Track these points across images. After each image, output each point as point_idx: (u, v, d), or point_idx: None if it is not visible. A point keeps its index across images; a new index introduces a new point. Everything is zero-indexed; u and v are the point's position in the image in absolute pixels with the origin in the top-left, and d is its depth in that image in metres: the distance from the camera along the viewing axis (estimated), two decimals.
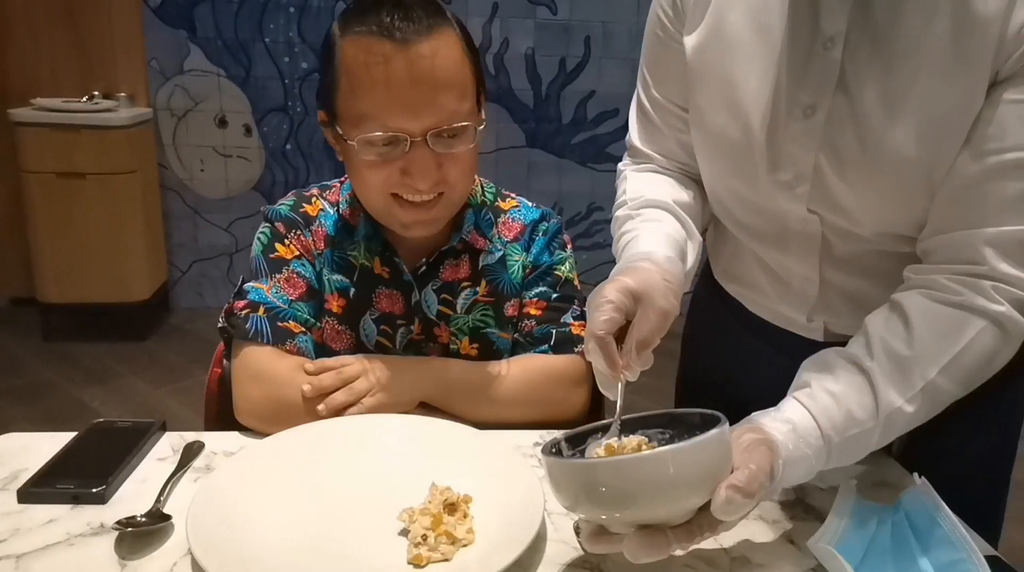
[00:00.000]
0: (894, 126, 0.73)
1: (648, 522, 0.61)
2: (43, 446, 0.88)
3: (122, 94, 3.44)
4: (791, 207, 0.83)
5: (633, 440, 0.66)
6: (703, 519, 0.61)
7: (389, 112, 0.89)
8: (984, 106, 0.70)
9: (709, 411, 0.65)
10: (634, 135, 0.98)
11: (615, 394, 0.69)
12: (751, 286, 0.98)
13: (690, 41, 0.85)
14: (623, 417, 0.68)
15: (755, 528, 0.79)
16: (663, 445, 0.65)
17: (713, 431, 0.59)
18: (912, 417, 0.71)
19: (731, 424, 0.64)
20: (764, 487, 0.61)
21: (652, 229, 0.84)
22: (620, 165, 1.00)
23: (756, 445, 0.64)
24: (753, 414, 0.71)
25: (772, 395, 0.75)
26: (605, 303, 0.69)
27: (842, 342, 0.77)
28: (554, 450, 0.68)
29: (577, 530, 0.70)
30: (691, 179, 0.96)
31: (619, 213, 0.91)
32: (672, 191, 0.92)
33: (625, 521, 0.61)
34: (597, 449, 0.67)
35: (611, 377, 0.69)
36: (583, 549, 0.69)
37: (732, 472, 0.61)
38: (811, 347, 0.78)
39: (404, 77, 0.88)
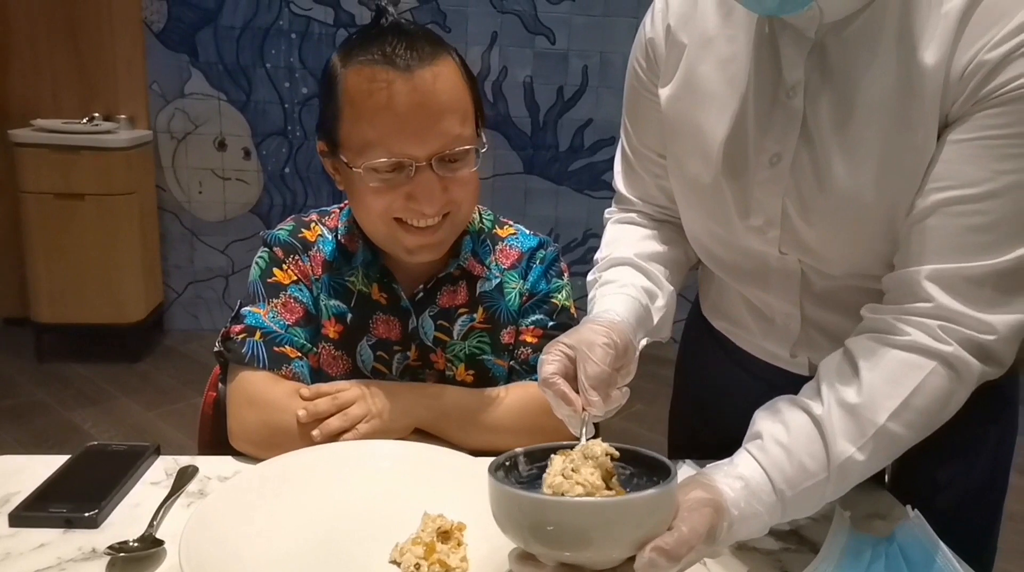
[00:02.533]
0: (852, 172, 0.74)
1: (573, 563, 0.60)
2: (36, 469, 0.88)
3: (122, 116, 3.47)
4: (766, 249, 0.85)
5: (598, 447, 0.64)
6: (627, 570, 0.59)
7: (394, 138, 0.90)
8: (935, 149, 0.70)
9: (662, 458, 0.64)
10: (618, 181, 1.01)
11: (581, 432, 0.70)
12: (736, 322, 1.00)
13: (664, 93, 0.88)
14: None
15: (749, 559, 0.79)
16: (623, 474, 0.66)
17: (652, 491, 0.58)
18: (865, 465, 0.69)
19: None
20: (695, 550, 0.60)
21: (605, 293, 0.88)
22: (606, 212, 1.04)
23: (699, 506, 0.63)
24: (708, 467, 0.70)
25: None
26: (548, 356, 0.74)
27: None
28: (507, 464, 0.67)
29: None
30: (671, 224, 0.98)
31: (589, 277, 0.95)
32: (640, 244, 0.95)
33: (550, 556, 0.61)
34: (553, 458, 0.66)
35: (573, 416, 0.71)
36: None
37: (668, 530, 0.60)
38: (797, 381, 0.78)
39: (408, 103, 0.89)
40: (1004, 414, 0.92)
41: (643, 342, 0.87)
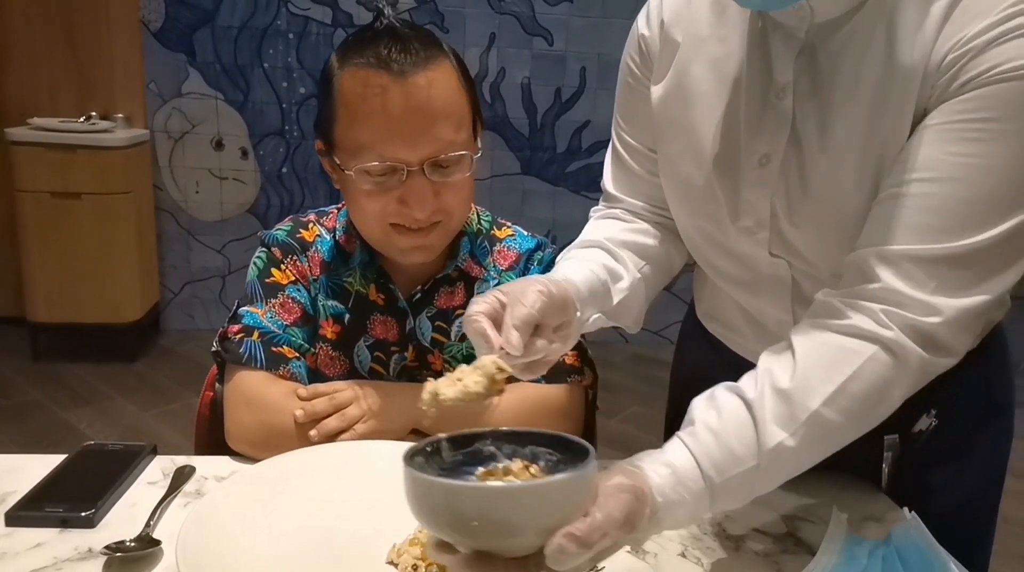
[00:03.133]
0: (834, 175, 0.74)
1: (485, 550, 0.58)
2: (32, 468, 0.87)
3: (120, 115, 3.46)
4: (756, 252, 0.84)
5: (488, 359, 0.63)
6: (541, 558, 0.56)
7: (386, 143, 0.90)
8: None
9: (585, 444, 0.61)
10: (608, 180, 0.99)
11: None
12: (730, 327, 0.99)
13: (656, 91, 0.87)
14: (514, 429, 0.65)
15: (746, 561, 0.79)
16: (550, 461, 0.63)
17: (564, 475, 0.56)
18: (797, 453, 0.66)
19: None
20: (610, 537, 0.57)
21: (562, 267, 0.84)
22: (592, 210, 1.01)
23: (617, 492, 0.59)
24: (639, 454, 0.68)
25: None
26: (479, 298, 0.70)
27: None
28: (428, 450, 0.64)
29: None
30: (658, 224, 0.96)
31: (557, 258, 0.92)
32: (618, 234, 0.91)
33: (463, 543, 0.58)
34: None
35: (489, 352, 0.66)
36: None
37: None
38: None
39: (401, 108, 0.89)
40: (1000, 417, 0.92)
41: (594, 317, 0.83)
